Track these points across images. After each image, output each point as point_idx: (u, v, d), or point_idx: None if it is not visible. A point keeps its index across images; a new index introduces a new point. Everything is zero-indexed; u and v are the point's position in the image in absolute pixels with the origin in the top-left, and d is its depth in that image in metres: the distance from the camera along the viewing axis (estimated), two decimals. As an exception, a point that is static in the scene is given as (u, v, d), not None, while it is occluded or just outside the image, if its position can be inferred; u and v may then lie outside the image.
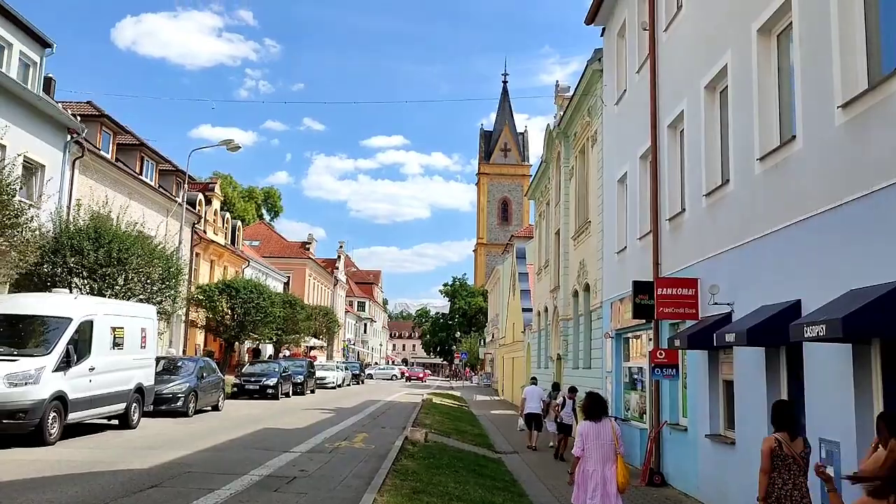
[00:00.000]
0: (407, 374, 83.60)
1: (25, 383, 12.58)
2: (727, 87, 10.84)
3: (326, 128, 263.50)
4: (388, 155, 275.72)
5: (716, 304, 10.36)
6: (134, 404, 16.38)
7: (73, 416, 13.87)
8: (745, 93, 9.97)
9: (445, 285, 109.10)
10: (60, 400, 13.27)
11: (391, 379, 74.40)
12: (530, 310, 36.36)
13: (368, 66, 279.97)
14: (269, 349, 49.10)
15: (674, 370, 12.69)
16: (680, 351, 12.86)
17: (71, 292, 18.30)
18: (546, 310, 29.01)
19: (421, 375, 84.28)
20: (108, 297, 19.22)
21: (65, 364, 13.51)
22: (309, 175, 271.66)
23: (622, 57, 17.63)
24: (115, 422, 16.10)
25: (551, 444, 19.52)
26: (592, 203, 20.82)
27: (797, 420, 6.78)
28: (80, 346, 14.12)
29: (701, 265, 11.60)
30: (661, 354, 12.74)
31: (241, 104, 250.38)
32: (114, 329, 15.42)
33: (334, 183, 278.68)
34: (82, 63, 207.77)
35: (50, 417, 12.96)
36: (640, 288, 13.14)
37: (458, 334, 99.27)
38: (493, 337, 61.97)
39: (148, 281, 21.45)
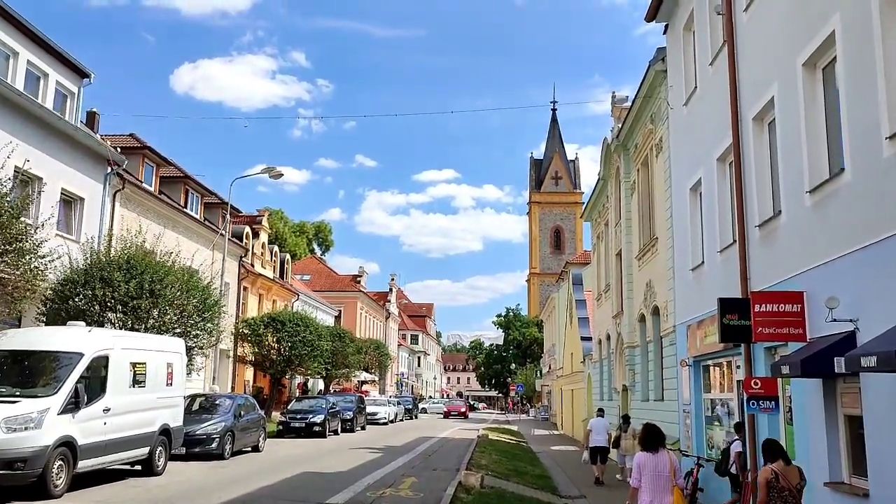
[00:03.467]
0: (446, 410, 67.02)
1: (25, 428, 11.11)
2: (834, 58, 8.99)
3: (378, 164, 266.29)
4: (439, 189, 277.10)
5: (834, 320, 8.41)
6: (159, 448, 14.88)
7: (84, 465, 12.39)
8: (863, 62, 8.12)
9: (499, 316, 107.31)
10: (68, 446, 11.79)
11: (446, 413, 72.08)
12: (590, 338, 34.19)
13: (419, 102, 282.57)
14: (320, 384, 47.74)
15: (772, 403, 10.65)
16: (779, 380, 10.87)
17: (103, 326, 17.12)
18: (608, 337, 26.94)
19: (463, 409, 67.79)
20: (143, 332, 17.99)
21: (73, 405, 12.03)
22: (362, 211, 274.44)
23: (690, 52, 15.85)
24: (140, 467, 14.64)
25: (619, 477, 18.10)
26: (659, 218, 18.91)
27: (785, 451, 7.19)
28: (93, 384, 12.67)
29: (806, 276, 9.64)
30: (756, 384, 10.71)
31: (295, 144, 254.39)
32: (134, 365, 13.97)
33: (387, 218, 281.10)
34: (141, 109, 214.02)
35: (55, 467, 11.45)
36: (729, 306, 11.17)
37: (513, 366, 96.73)
38: (549, 368, 59.62)
39: (183, 314, 20.17)
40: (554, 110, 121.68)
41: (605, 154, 26.02)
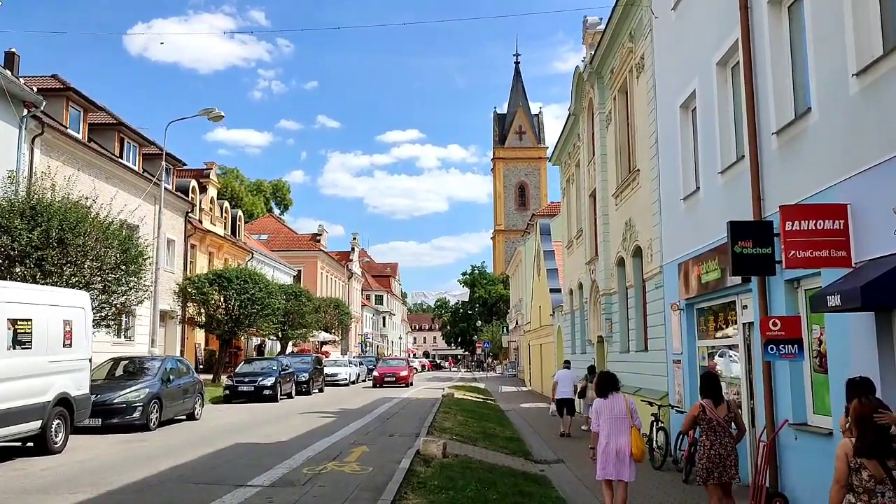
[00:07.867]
0: (377, 375, 41.20)
1: None
2: None
3: (341, 125, 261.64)
4: (403, 149, 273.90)
5: (905, 233, 6.34)
6: (56, 421, 12.38)
7: (-58, 445, 10.01)
8: None
9: (464, 274, 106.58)
10: (-89, 424, 9.36)
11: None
12: (559, 290, 32.36)
13: (381, 61, 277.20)
14: (278, 346, 45.36)
15: (795, 347, 8.67)
16: (804, 319, 8.88)
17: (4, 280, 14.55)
18: (580, 286, 24.97)
19: (404, 373, 41.25)
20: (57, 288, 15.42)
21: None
22: (325, 173, 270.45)
23: (679, -55, 13.56)
24: (32, 444, 12.21)
25: (584, 427, 17.78)
26: (641, 147, 16.78)
27: (721, 389, 8.28)
28: (-47, 346, 10.23)
29: (849, 184, 7.54)
30: (774, 325, 8.72)
31: (256, 106, 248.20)
32: (14, 322, 11.39)
33: (350, 180, 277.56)
34: (95, 72, 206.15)
35: None
36: (741, 231, 9.07)
37: (478, 323, 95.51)
38: (516, 324, 57.99)
39: (103, 267, 17.59)
40: (517, 63, 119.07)
41: (577, 85, 23.69)
